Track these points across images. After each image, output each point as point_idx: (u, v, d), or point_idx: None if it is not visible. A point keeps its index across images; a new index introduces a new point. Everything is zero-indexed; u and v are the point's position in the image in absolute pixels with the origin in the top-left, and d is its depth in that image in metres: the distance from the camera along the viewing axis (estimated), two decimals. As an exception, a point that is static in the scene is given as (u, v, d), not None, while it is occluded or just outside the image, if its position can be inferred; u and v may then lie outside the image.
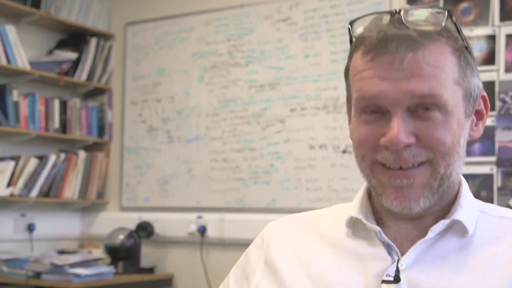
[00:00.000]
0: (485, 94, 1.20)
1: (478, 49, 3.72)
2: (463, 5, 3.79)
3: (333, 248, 1.23)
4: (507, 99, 3.64)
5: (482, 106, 1.19)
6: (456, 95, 1.11)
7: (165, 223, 4.53)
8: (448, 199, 1.19)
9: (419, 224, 1.18)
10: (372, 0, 4.05)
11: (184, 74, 4.66)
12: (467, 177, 3.48)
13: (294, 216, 1.37)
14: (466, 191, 1.20)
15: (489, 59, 3.70)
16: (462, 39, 1.14)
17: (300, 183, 4.20)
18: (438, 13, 1.14)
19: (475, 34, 3.74)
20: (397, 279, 1.10)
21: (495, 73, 3.68)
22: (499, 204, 3.44)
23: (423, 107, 1.08)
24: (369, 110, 1.13)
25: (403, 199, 1.10)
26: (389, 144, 1.07)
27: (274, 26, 4.34)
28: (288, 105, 4.27)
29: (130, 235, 4.39)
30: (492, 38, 3.71)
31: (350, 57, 1.18)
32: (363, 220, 1.19)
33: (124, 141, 4.90)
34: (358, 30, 1.17)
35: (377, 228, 1.17)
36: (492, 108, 3.63)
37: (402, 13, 1.10)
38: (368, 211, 1.22)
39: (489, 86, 3.64)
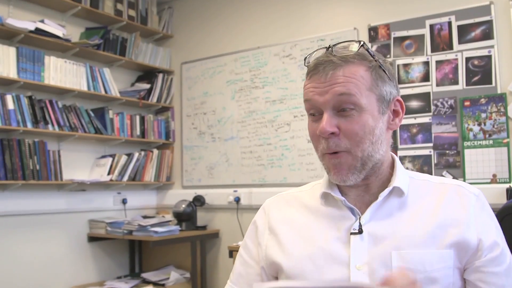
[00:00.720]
0: (400, 98, 1.20)
1: (418, 71, 3.73)
2: (407, 42, 3.78)
3: (313, 214, 1.24)
4: (438, 104, 3.65)
5: (398, 107, 1.20)
6: (369, 98, 1.12)
7: (212, 196, 4.57)
8: (385, 173, 1.20)
9: (369, 191, 1.19)
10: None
11: (221, 95, 4.69)
12: (415, 157, 3.72)
13: (283, 194, 1.36)
14: (399, 165, 1.22)
15: (425, 77, 3.70)
16: (375, 61, 1.15)
17: (302, 166, 4.20)
18: (355, 43, 1.16)
19: (415, 61, 3.74)
20: (360, 231, 1.13)
21: (430, 87, 3.69)
22: (436, 175, 3.65)
23: (343, 109, 1.11)
24: (311, 113, 1.16)
25: (338, 173, 1.13)
26: (319, 133, 1.11)
27: (281, 60, 4.35)
28: (292, 113, 4.27)
29: (189, 204, 4.45)
30: (426, 64, 3.71)
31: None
32: (332, 193, 1.20)
33: (183, 142, 4.92)
34: (311, 60, 1.18)
35: (342, 198, 1.19)
36: (429, 110, 3.67)
37: (332, 47, 1.15)
38: (333, 186, 1.22)
39: (426, 95, 3.69)
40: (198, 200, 4.54)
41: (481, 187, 3.39)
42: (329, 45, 1.16)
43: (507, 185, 3.35)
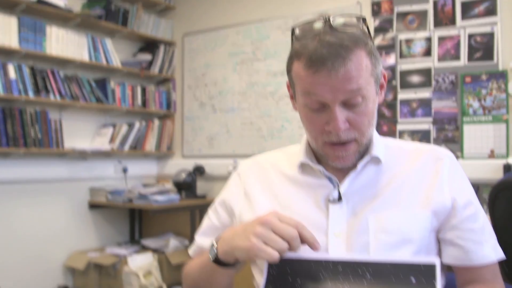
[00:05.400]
0: (384, 72, 1.16)
1: (420, 46, 3.69)
2: (410, 17, 3.73)
3: (290, 182, 1.21)
4: (439, 79, 3.61)
5: (383, 80, 1.16)
6: (370, 83, 1.08)
7: (212, 166, 4.57)
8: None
9: None
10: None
11: (222, 67, 4.65)
12: (413, 132, 3.67)
13: (258, 159, 1.33)
14: (376, 134, 1.20)
15: (427, 53, 3.66)
16: (371, 38, 1.10)
17: (302, 138, 4.20)
18: (357, 19, 1.07)
19: (418, 36, 3.69)
20: (339, 199, 1.12)
21: (431, 62, 3.65)
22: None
23: (351, 102, 1.06)
24: (313, 106, 1.08)
25: (343, 161, 1.12)
26: (333, 130, 1.07)
27: (283, 34, 4.30)
28: (292, 86, 4.26)
29: (189, 174, 4.44)
30: (429, 39, 3.66)
31: (291, 60, 1.11)
32: (311, 164, 1.18)
33: (184, 113, 4.92)
34: (297, 32, 1.09)
35: (321, 167, 1.17)
36: (429, 85, 3.65)
37: (330, 21, 1.05)
38: (311, 156, 1.20)
39: (427, 71, 3.66)
40: (198, 170, 4.55)
41: (479, 162, 3.46)
42: (327, 18, 1.05)
43: (504, 161, 3.38)
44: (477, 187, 3.33)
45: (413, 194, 1.12)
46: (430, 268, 0.95)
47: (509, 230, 2.30)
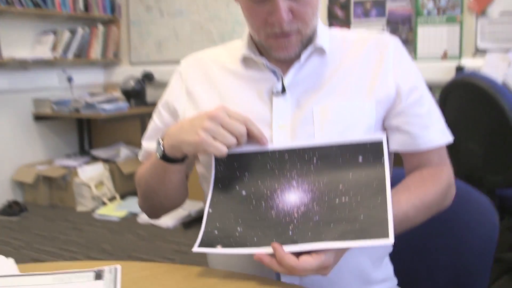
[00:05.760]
0: None
1: None
2: None
3: (233, 76, 1.18)
4: (394, -21, 3.57)
5: None
6: None
7: (162, 72, 4.45)
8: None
9: None
10: None
11: (169, -33, 4.50)
12: (367, 33, 3.64)
13: (198, 55, 1.26)
14: (321, 25, 1.17)
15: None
16: None
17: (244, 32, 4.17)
18: None
19: None
20: (283, 91, 1.10)
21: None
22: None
23: None
24: None
25: (286, 52, 1.08)
26: (276, 22, 1.03)
27: None
28: (243, -13, 4.14)
29: (138, 81, 4.37)
30: None
31: None
32: (253, 56, 1.14)
33: (130, 17, 4.74)
34: None
35: (264, 60, 1.13)
36: None
37: None
38: (254, 48, 1.16)
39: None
40: (147, 77, 4.48)
41: (432, 64, 3.49)
42: None
43: (457, 62, 3.41)
44: (430, 88, 3.36)
45: (357, 83, 1.10)
46: (377, 145, 0.96)
47: (459, 129, 2.33)
